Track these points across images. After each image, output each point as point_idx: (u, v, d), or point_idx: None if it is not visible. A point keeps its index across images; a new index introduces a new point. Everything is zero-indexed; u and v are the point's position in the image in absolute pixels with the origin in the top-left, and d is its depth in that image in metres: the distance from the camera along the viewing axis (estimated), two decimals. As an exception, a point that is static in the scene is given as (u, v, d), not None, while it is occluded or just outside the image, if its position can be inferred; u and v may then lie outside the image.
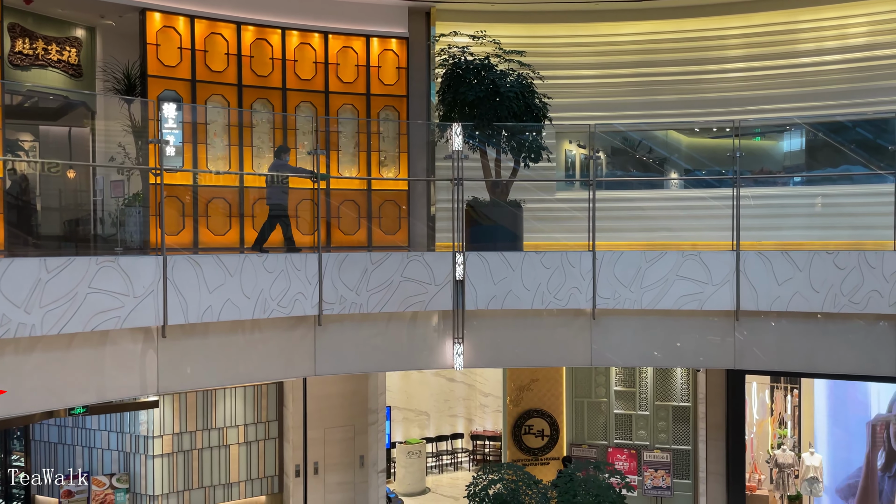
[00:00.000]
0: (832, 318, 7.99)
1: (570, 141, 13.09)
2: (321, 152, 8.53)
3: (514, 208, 8.87)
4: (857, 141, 11.73)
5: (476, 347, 8.41)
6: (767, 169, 13.54)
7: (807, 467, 11.30)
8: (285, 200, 9.13)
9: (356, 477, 11.76)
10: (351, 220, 11.21)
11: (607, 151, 14.12)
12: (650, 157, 13.55)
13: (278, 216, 8.93)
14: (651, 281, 8.27)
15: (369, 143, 11.26)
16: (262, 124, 10.75)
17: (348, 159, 11.23)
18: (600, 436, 12.52)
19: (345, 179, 11.21)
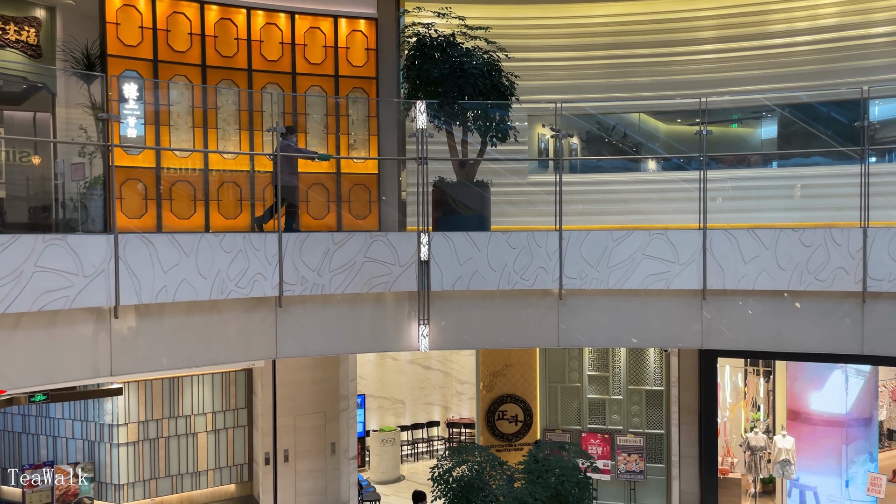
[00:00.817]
0: (799, 297, 7.95)
1: (543, 125, 12.98)
2: (280, 129, 8.32)
3: (480, 189, 8.74)
4: (827, 123, 11.73)
5: (442, 329, 8.30)
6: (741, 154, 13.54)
7: (779, 450, 11.31)
8: (293, 182, 9.09)
9: (327, 464, 11.64)
10: (320, 203, 11.05)
11: (582, 136, 14.06)
12: (625, 143, 13.49)
13: (285, 198, 8.84)
14: (618, 260, 8.19)
15: (338, 126, 11.09)
16: (228, 106, 10.55)
17: (317, 143, 11.05)
18: (574, 421, 12.46)
19: (313, 163, 11.03)
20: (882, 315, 7.66)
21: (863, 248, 7.56)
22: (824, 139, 11.40)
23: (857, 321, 7.77)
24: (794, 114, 11.99)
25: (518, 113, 10.91)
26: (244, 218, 10.50)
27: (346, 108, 11.13)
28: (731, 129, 14.65)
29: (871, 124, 13.29)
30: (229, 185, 10.47)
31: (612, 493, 12.17)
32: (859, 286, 7.59)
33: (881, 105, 14.25)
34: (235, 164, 10.54)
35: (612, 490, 12.16)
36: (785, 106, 11.96)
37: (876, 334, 7.72)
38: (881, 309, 7.67)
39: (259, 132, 10.54)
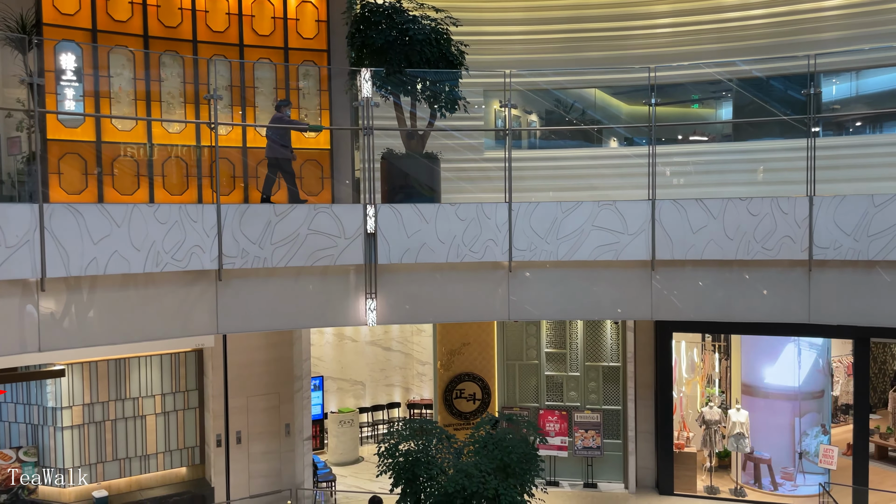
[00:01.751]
0: (746, 266, 7.94)
1: (500, 101, 12.85)
2: (218, 96, 8.04)
3: (430, 161, 8.57)
4: (781, 99, 11.78)
5: (390, 303, 8.14)
6: (700, 131, 13.59)
7: (733, 423, 11.40)
8: (287, 154, 9.07)
9: (282, 446, 11.45)
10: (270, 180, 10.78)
11: (541, 114, 14.01)
12: (584, 121, 13.45)
13: (280, 170, 8.98)
14: (567, 232, 8.11)
15: (288, 100, 10.80)
16: (172, 78, 10.21)
17: (266, 117, 10.75)
18: (532, 398, 12.43)
19: (262, 137, 10.76)
20: (828, 283, 7.69)
21: (809, 217, 7.56)
22: (777, 114, 11.45)
23: (804, 290, 7.79)
24: (748, 89, 12.02)
25: (473, 88, 10.76)
26: (191, 194, 10.21)
27: (296, 81, 10.86)
28: (692, 110, 14.71)
29: (831, 103, 13.52)
30: (175, 160, 10.17)
31: (569, 469, 12.19)
32: (805, 255, 7.60)
33: (838, 84, 14.44)
34: (181, 138, 10.23)
35: (570, 466, 12.18)
36: (739, 81, 11.98)
37: (822, 303, 7.75)
38: (827, 277, 7.69)
39: (205, 106, 10.23)
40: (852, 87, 14.29)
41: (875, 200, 7.29)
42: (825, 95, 14.02)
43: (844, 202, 7.44)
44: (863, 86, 14.22)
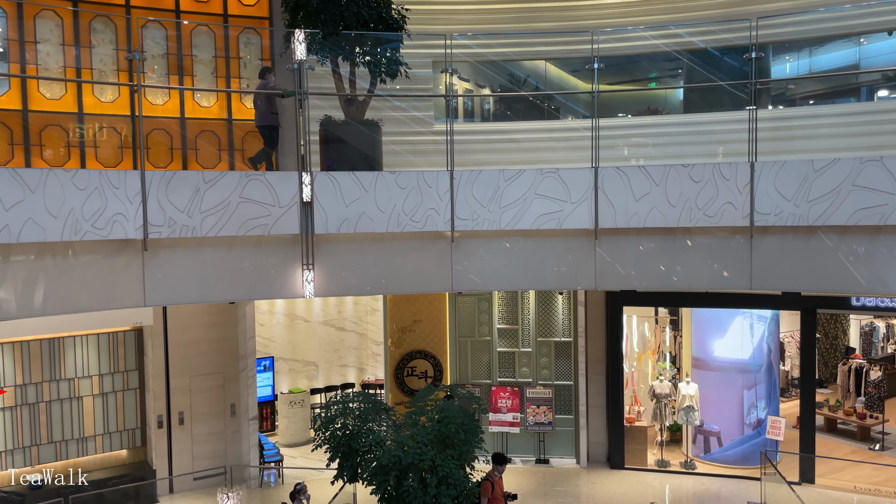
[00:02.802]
0: (689, 233, 7.87)
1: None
2: (140, 56, 7.67)
3: (370, 129, 8.32)
4: (730, 73, 11.75)
5: (329, 275, 7.90)
6: (653, 107, 13.57)
7: (683, 396, 11.42)
8: (275, 121, 9.03)
9: (227, 427, 11.18)
10: (210, 153, 10.45)
11: (494, 89, 13.83)
12: (537, 97, 13.32)
13: (266, 138, 8.98)
14: (510, 200, 7.94)
15: (228, 69, 10.46)
16: (104, 45, 9.78)
17: (206, 86, 10.40)
18: (484, 375, 12.32)
19: (202, 108, 10.40)
20: (769, 250, 7.64)
21: (750, 183, 7.50)
22: (726, 87, 11.42)
23: (746, 257, 7.74)
24: (700, 65, 11.96)
25: (422, 59, 10.51)
26: (125, 166, 9.83)
27: (236, 50, 10.49)
28: (651, 89, 14.65)
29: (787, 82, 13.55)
30: (107, 130, 9.76)
31: (521, 445, 12.12)
32: (747, 221, 7.53)
33: (792, 62, 14.51)
34: (113, 107, 9.81)
35: (522, 443, 12.11)
36: (691, 56, 11.91)
37: (764, 270, 7.70)
38: (768, 244, 7.65)
39: (141, 73, 9.82)
40: (806, 64, 14.40)
41: (815, 165, 7.25)
42: (779, 73, 14.11)
43: (785, 167, 7.39)
44: (815, 63, 14.31)
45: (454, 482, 6.61)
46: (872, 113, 10.70)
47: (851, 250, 7.28)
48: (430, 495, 6.48)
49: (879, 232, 7.15)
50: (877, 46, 12.34)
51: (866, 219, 7.04)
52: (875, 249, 7.20)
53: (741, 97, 11.23)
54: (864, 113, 10.68)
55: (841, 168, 7.14)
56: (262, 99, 8.94)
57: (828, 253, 7.39)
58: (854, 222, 7.10)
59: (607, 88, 10.66)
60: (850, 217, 7.10)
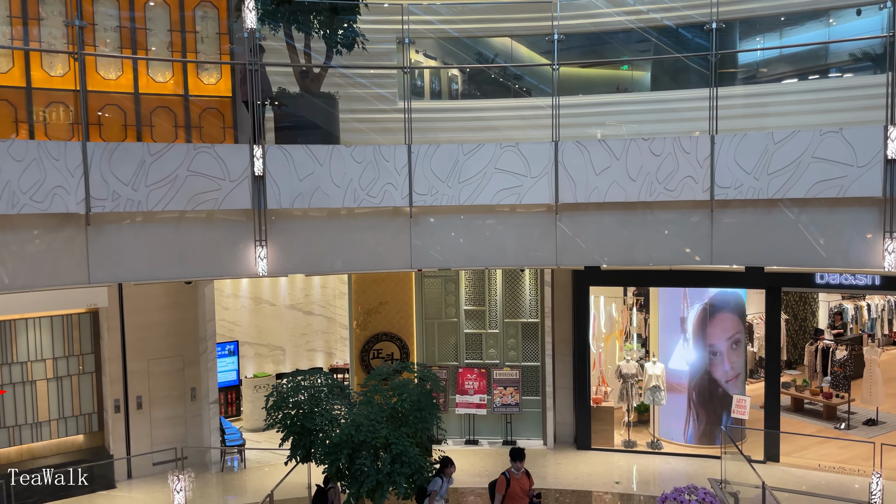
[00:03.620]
0: (650, 208, 7.76)
1: (417, 51, 12.41)
2: (82, 23, 7.38)
3: (326, 102, 8.10)
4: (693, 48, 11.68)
5: (283, 252, 7.68)
6: (623, 87, 13.49)
7: (649, 376, 11.38)
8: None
9: (187, 411, 10.95)
10: (166, 130, 10.13)
11: (462, 69, 13.64)
12: (505, 76, 13.17)
13: None
14: (469, 175, 7.78)
15: (184, 44, 10.14)
16: (53, 17, 9.42)
17: (161, 62, 10.08)
18: (451, 356, 12.19)
19: (157, 84, 10.09)
20: (730, 225, 7.56)
21: (711, 156, 7.40)
22: (693, 67, 11.33)
23: (707, 232, 7.65)
24: (669, 44, 11.87)
25: (385, 35, 10.29)
26: (77, 143, 9.51)
27: (192, 24, 10.17)
28: (623, 71, 14.55)
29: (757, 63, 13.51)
30: (56, 105, 9.43)
31: (488, 427, 12.04)
32: (707, 195, 7.44)
33: (763, 42, 14.46)
34: (63, 82, 9.47)
35: (489, 425, 12.02)
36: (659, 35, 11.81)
37: (725, 245, 7.62)
38: (729, 219, 7.56)
39: (91, 46, 9.49)
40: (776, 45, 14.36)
41: (775, 137, 7.16)
42: (749, 55, 14.08)
43: (745, 140, 7.29)
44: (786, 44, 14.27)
45: (409, 460, 6.47)
46: (838, 90, 10.66)
47: (811, 223, 7.21)
48: (383, 473, 6.34)
49: (839, 204, 7.08)
50: (846, 28, 12.34)
51: (825, 191, 6.97)
52: (834, 222, 7.13)
53: (708, 74, 11.14)
54: (830, 90, 10.63)
55: (800, 140, 7.06)
56: None
57: (788, 226, 7.32)
58: (813, 195, 7.03)
59: (568, 62, 10.49)
60: (809, 189, 7.03)
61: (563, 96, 12.83)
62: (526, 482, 7.75)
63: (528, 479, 7.82)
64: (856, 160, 6.86)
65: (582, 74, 15.02)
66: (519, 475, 7.67)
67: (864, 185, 6.84)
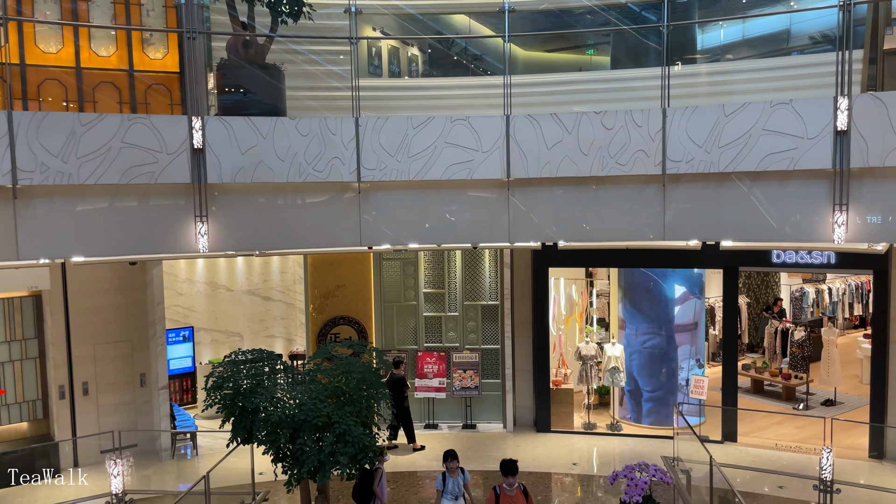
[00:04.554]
0: (602, 183, 7.63)
1: (375, 29, 12.15)
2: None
3: (271, 74, 7.83)
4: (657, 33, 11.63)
5: (226, 228, 7.43)
6: (585, 68, 13.41)
7: (608, 357, 11.31)
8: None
9: (137, 397, 10.64)
10: (110, 107, 9.78)
11: (424, 48, 13.44)
12: (465, 56, 13.02)
13: None
14: (419, 149, 7.58)
15: (128, 16, 9.78)
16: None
17: (103, 35, 9.72)
18: (410, 340, 12.01)
19: (100, 58, 9.73)
20: (682, 200, 7.47)
21: (662, 129, 7.29)
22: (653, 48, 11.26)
23: (659, 207, 7.55)
24: (627, 24, 11.78)
25: (337, 9, 10.03)
26: (14, 119, 9.12)
27: (137, -4, 9.82)
28: (587, 55, 14.45)
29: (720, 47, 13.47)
30: None
31: (448, 411, 11.89)
32: (659, 169, 7.34)
33: (726, 28, 14.44)
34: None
35: (449, 409, 11.88)
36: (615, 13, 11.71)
37: (677, 220, 7.53)
38: (681, 194, 7.47)
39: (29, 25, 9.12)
40: (739, 30, 14.39)
41: (726, 110, 7.08)
42: (712, 39, 14.06)
43: (696, 113, 7.20)
44: (749, 28, 14.31)
45: (353, 439, 6.28)
46: (798, 67, 10.61)
47: (763, 197, 7.15)
48: (325, 453, 6.14)
49: (790, 177, 7.02)
50: (809, 12, 12.34)
51: (776, 164, 6.90)
52: (786, 195, 7.08)
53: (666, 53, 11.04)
54: (790, 67, 10.58)
55: (751, 112, 6.98)
56: None
57: (740, 200, 7.25)
58: (764, 167, 6.96)
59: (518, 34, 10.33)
60: (760, 162, 6.95)
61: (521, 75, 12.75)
62: (521, 500, 6.84)
63: (527, 499, 6.90)
64: (806, 132, 6.80)
65: (547, 59, 14.92)
66: (512, 491, 6.84)
67: (814, 157, 6.79)
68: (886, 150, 6.48)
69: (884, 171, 6.63)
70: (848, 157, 6.66)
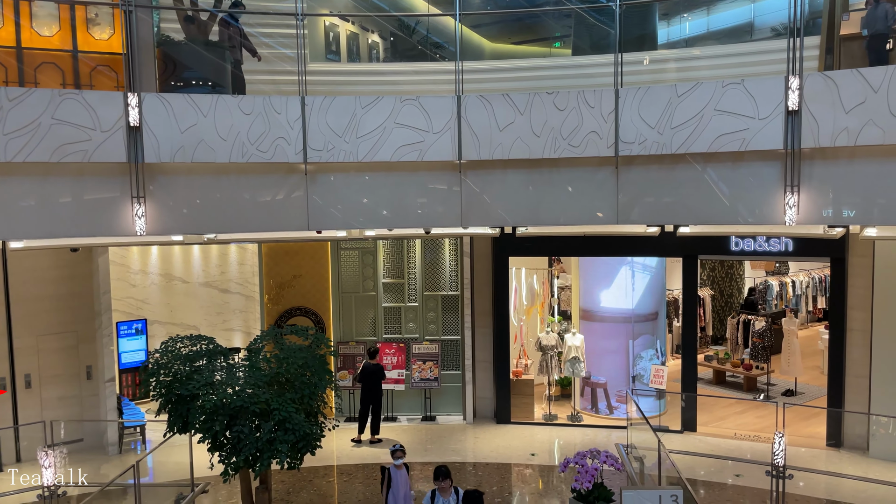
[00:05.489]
0: (556, 166, 7.48)
1: (331, 12, 11.93)
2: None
3: (214, 52, 7.56)
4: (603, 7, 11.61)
5: (166, 210, 7.14)
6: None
7: (569, 347, 11.19)
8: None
9: (83, 390, 10.29)
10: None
11: (385, 35, 13.27)
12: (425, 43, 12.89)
13: None
14: (367, 129, 7.36)
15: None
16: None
17: (46, 14, 9.35)
18: (369, 331, 11.79)
19: (42, 38, 9.35)
20: (635, 182, 7.34)
21: (615, 110, 7.15)
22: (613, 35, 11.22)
23: (612, 190, 7.42)
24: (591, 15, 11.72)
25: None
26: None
27: (79, -28, 9.45)
28: (555, 48, 14.38)
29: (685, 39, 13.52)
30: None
31: (408, 404, 11.70)
32: (612, 151, 7.19)
33: (692, 21, 14.49)
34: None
35: (408, 401, 11.69)
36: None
37: (630, 203, 7.40)
38: (634, 177, 7.34)
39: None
40: (703, 22, 14.45)
41: (678, 90, 6.96)
42: (676, 32, 14.09)
43: (649, 93, 7.07)
44: (713, 21, 14.37)
45: (293, 427, 6.05)
46: (759, 53, 10.59)
47: (716, 179, 7.04)
48: (262, 441, 5.90)
49: (742, 159, 6.93)
50: (770, 3, 12.39)
51: (728, 145, 6.80)
52: (739, 177, 6.98)
53: (629, 42, 11.00)
54: (751, 53, 10.55)
55: (703, 92, 6.87)
56: None
57: (693, 182, 7.14)
58: (716, 148, 6.85)
59: (471, 12, 10.20)
60: (712, 143, 6.84)
61: (480, 61, 12.59)
62: None
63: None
64: (757, 112, 6.71)
65: (513, 51, 14.84)
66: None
67: (765, 137, 6.70)
68: (837, 130, 6.41)
69: (834, 151, 6.57)
70: (799, 138, 6.58)
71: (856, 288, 10.00)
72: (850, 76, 6.40)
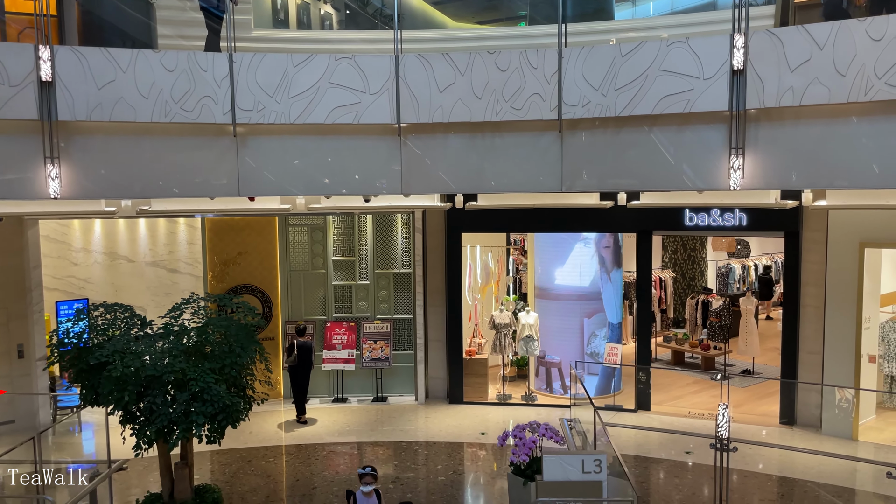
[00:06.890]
0: (498, 130, 7.17)
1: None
2: None
3: (135, 6, 7.14)
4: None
5: (83, 172, 6.72)
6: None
7: (522, 326, 10.95)
8: None
9: (14, 370, 9.82)
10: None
11: (339, 6, 12.93)
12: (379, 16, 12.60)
13: None
14: (300, 90, 6.98)
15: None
16: None
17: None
18: (319, 310, 11.44)
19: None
20: (580, 147, 7.05)
21: (558, 70, 6.86)
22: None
23: (557, 156, 7.14)
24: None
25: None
26: None
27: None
28: (519, 28, 14.12)
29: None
30: None
31: (359, 384, 11.38)
32: (555, 114, 6.90)
33: (656, 3, 14.31)
34: None
35: (359, 381, 11.37)
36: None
37: (575, 170, 7.12)
38: (579, 142, 7.06)
39: None
40: (667, 3, 14.27)
41: (622, 49, 6.67)
42: (641, 12, 13.91)
43: (593, 53, 6.78)
44: (677, 3, 14.20)
45: (211, 398, 5.70)
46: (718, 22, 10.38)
47: (661, 143, 6.79)
48: (177, 412, 5.55)
49: (687, 121, 6.66)
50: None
51: (672, 106, 6.53)
52: (684, 140, 6.72)
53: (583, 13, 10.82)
54: (706, 23, 10.33)
55: (647, 51, 6.59)
56: None
57: (638, 147, 6.86)
58: (661, 110, 6.58)
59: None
60: (656, 105, 6.57)
61: (431, 30, 12.26)
62: None
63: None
64: (702, 72, 6.44)
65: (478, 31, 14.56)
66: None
67: (710, 98, 6.43)
68: (782, 90, 6.18)
69: (780, 112, 6.33)
70: (744, 99, 6.34)
71: (809, 263, 9.87)
72: (796, 33, 6.17)
